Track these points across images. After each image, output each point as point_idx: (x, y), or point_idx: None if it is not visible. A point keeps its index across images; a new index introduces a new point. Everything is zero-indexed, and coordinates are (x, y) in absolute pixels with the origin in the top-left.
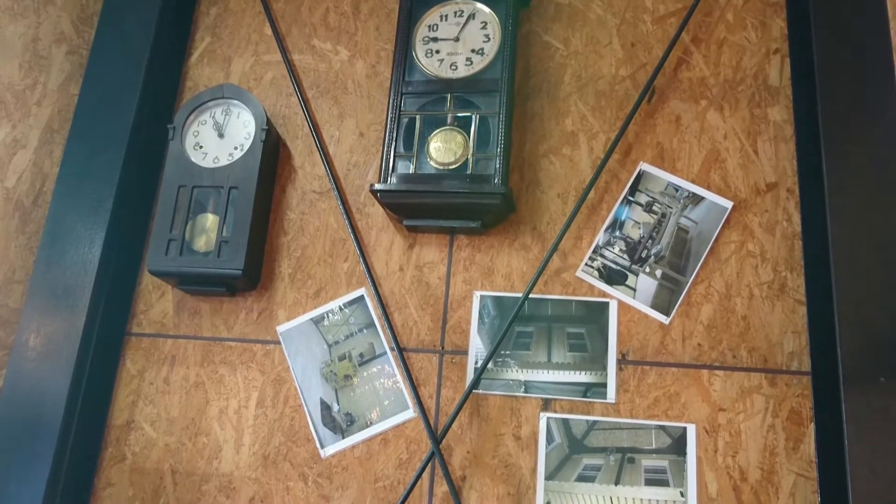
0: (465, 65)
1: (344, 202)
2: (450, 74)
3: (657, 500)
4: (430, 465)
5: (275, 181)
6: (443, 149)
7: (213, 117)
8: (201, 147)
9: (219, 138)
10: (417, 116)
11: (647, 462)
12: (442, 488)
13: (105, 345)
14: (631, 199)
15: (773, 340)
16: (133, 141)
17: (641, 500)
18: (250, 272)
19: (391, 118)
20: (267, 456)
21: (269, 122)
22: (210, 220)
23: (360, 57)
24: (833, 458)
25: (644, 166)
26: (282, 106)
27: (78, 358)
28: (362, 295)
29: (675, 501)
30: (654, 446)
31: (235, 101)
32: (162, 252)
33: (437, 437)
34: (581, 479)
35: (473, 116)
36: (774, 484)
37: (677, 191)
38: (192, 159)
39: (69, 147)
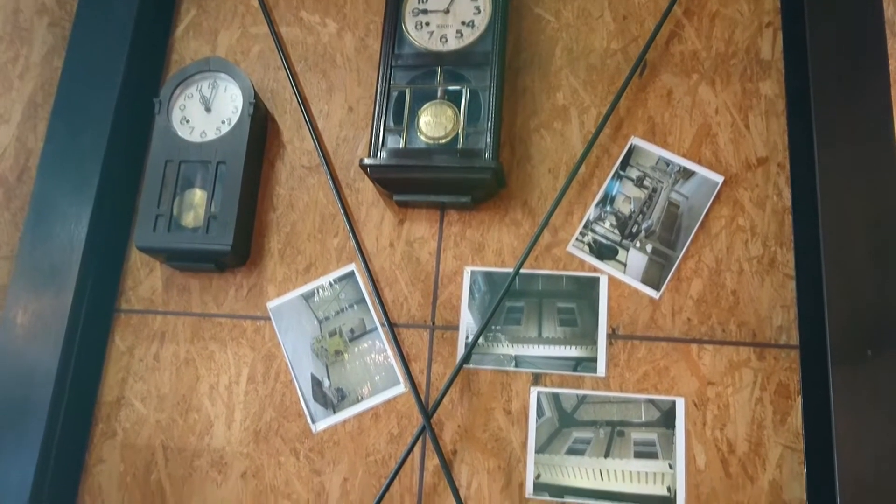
0: (456, 37)
1: (333, 177)
2: (440, 47)
3: (646, 473)
4: (421, 439)
5: (263, 156)
6: (433, 123)
7: (200, 91)
8: (188, 121)
9: (206, 112)
10: (407, 90)
11: (637, 435)
12: (433, 462)
13: (93, 321)
14: (622, 173)
15: (762, 315)
16: (118, 115)
17: (630, 472)
18: (239, 248)
19: (380, 92)
20: (258, 431)
21: (256, 95)
22: (198, 195)
23: (349, 29)
24: (820, 431)
25: (635, 141)
26: (269, 80)
27: (66, 334)
28: (352, 271)
29: (663, 474)
30: (643, 420)
31: (222, 75)
32: (150, 228)
33: (427, 412)
34: (571, 452)
35: (464, 90)
36: (762, 456)
37: (668, 165)
38: (179, 134)
39: (53, 122)
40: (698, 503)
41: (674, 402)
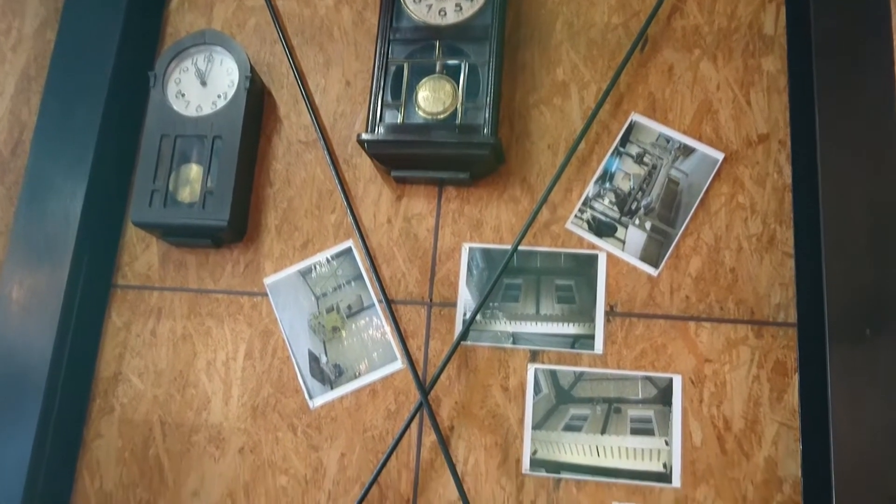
0: (455, 11)
1: (331, 153)
2: (438, 21)
3: (642, 449)
4: (418, 415)
5: (260, 131)
6: (431, 98)
7: (195, 64)
8: (183, 95)
9: (201, 86)
10: (405, 64)
11: (633, 412)
12: (430, 438)
13: (90, 297)
14: (622, 150)
15: (761, 293)
16: (113, 89)
17: (627, 448)
18: (236, 224)
19: (378, 66)
20: (256, 407)
21: (252, 69)
22: (194, 170)
23: (346, 2)
24: (816, 409)
25: (635, 117)
26: (266, 53)
27: (63, 310)
28: (350, 247)
29: (659, 450)
30: (640, 397)
31: (218, 48)
32: (145, 203)
33: (425, 389)
34: (568, 428)
35: (463, 65)
36: (757, 433)
37: (668, 142)
38: (175, 108)
39: (46, 95)
40: (694, 479)
41: (671, 380)
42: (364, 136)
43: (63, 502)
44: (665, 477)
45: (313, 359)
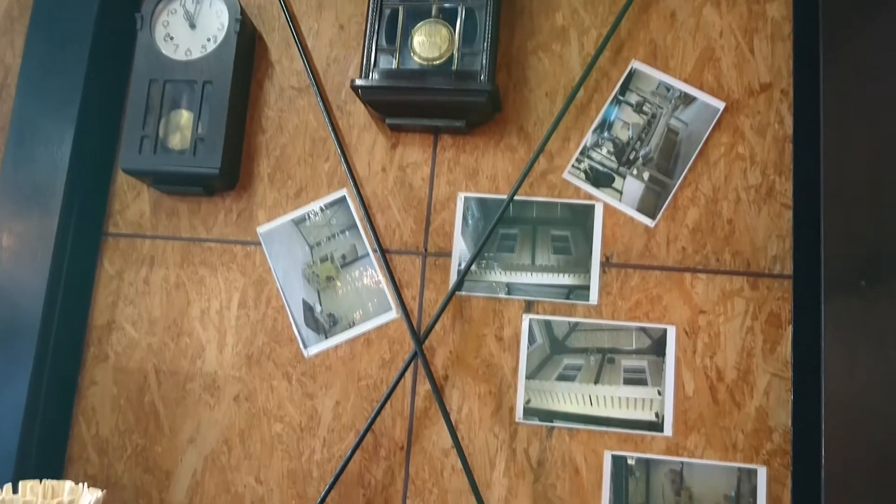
0: None
1: (324, 99)
2: None
3: (635, 399)
4: (412, 364)
5: (251, 76)
6: (427, 43)
7: (184, 6)
8: (172, 38)
9: (190, 29)
10: (400, 7)
11: (627, 362)
12: (424, 387)
13: (81, 244)
14: (621, 98)
15: (758, 244)
16: (99, 31)
17: (619, 398)
18: (228, 171)
19: (372, 9)
20: (250, 356)
21: (243, 12)
22: (184, 116)
23: None
24: (808, 360)
25: (636, 64)
26: None
27: (54, 257)
28: (344, 196)
29: (652, 400)
30: (633, 347)
31: None
32: (135, 150)
33: (419, 338)
34: (561, 378)
35: (459, 8)
36: (749, 383)
37: (669, 90)
38: (163, 52)
39: (30, 37)
40: (685, 428)
41: (665, 331)
42: (358, 82)
43: (60, 448)
44: (657, 426)
45: (307, 308)
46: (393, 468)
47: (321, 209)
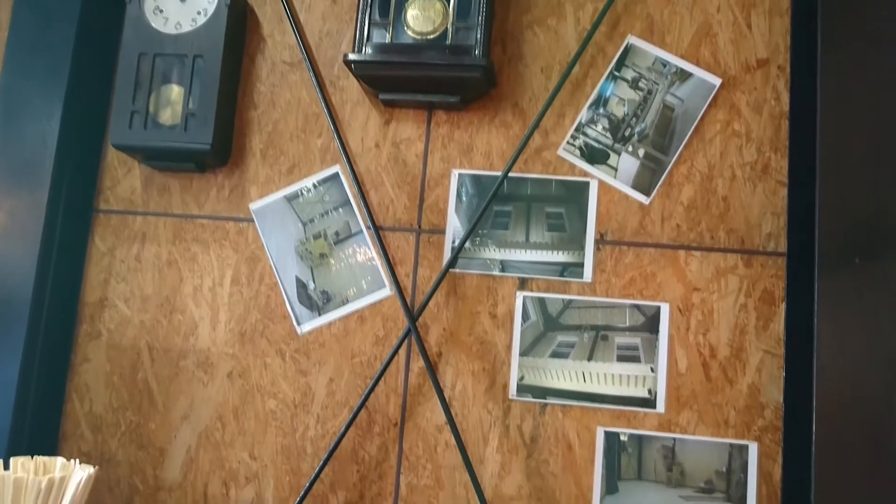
0: None
1: (316, 74)
2: None
3: (628, 376)
4: (406, 341)
5: (242, 51)
6: (421, 17)
7: None
8: (161, 11)
9: (180, 2)
10: None
11: (620, 339)
12: (418, 364)
13: (72, 221)
14: (617, 74)
15: (752, 222)
16: (87, 3)
17: (613, 375)
18: (220, 147)
19: None
20: (244, 333)
21: None
22: (175, 91)
23: None
24: (801, 337)
25: (632, 39)
26: None
27: (44, 233)
28: (337, 172)
29: (645, 377)
30: (627, 324)
31: None
32: (125, 125)
33: (413, 315)
34: (555, 355)
35: None
36: (742, 360)
37: (665, 66)
38: (153, 25)
39: (17, 9)
40: (678, 405)
41: (658, 308)
42: (351, 57)
43: (53, 425)
44: (649, 402)
45: (301, 285)
46: (387, 444)
47: (314, 186)
